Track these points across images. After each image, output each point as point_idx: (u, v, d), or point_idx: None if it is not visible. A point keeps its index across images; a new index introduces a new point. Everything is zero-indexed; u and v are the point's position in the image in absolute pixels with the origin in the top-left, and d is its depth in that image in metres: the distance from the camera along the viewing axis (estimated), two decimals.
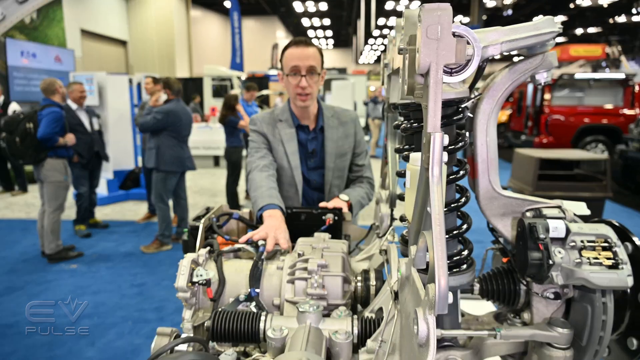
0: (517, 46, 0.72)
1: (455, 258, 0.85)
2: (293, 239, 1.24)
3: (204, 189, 7.25)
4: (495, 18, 27.38)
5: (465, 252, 0.86)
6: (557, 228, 0.83)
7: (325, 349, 0.78)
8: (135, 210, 5.98)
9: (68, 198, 4.32)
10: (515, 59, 0.85)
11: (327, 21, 31.04)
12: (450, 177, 0.83)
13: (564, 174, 3.78)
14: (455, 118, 0.81)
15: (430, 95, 0.61)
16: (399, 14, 27.71)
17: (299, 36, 1.78)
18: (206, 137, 8.75)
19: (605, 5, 23.63)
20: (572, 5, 24.15)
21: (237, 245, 1.14)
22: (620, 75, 8.17)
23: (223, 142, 5.54)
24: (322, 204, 1.47)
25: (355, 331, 0.84)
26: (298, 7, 26.19)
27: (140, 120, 4.33)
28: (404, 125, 0.86)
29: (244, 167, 5.57)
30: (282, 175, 1.74)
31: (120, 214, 5.83)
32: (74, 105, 4.38)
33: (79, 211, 4.82)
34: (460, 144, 0.83)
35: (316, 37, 37.05)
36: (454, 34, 0.61)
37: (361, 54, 35.59)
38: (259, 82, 14.35)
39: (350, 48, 37.42)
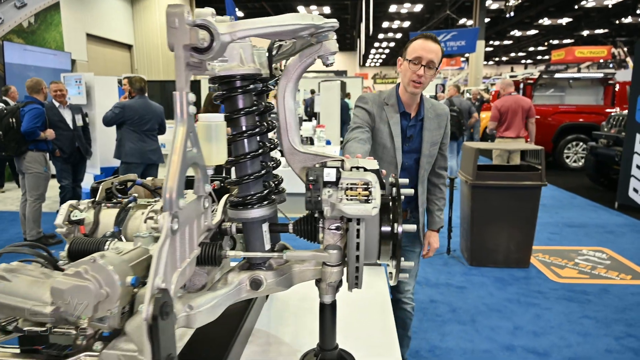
0: (259, 33, 0.96)
1: (257, 195, 1.10)
2: None
3: None
4: (498, 20, 27.52)
5: (265, 192, 1.11)
6: (329, 174, 1.08)
7: (148, 261, 1.05)
8: None
9: (54, 192, 4.64)
10: None
11: None
12: (249, 132, 1.08)
13: (505, 164, 4.01)
14: (247, 88, 1.07)
15: (176, 65, 0.87)
16: (403, 17, 27.96)
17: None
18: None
19: (611, 6, 23.63)
20: (576, 7, 24.16)
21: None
22: (599, 75, 8.34)
23: None
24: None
25: None
26: (302, 11, 26.63)
27: (104, 114, 4.70)
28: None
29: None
30: (384, 153, 1.99)
31: None
32: (56, 103, 4.71)
33: (62, 203, 5.13)
34: (253, 107, 1.09)
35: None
36: (199, 25, 0.87)
37: (364, 57, 35.83)
38: None
39: (356, 52, 37.68)
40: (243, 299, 1.16)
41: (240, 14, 26.08)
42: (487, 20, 23.45)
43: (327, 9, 26.39)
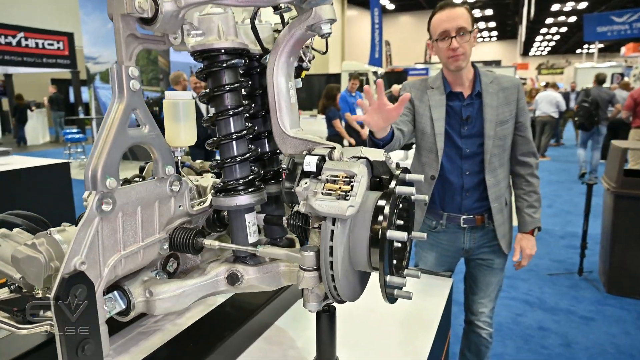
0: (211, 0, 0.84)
1: (239, 181, 1.01)
2: None
3: None
4: None
5: (251, 177, 1.02)
6: (309, 163, 0.94)
7: None
8: None
9: None
10: None
11: (489, 11, 29.02)
12: (237, 110, 0.99)
13: None
14: (229, 63, 0.98)
15: (115, 37, 0.82)
16: None
17: None
18: (312, 127, 9.31)
19: None
20: None
21: None
22: None
23: (325, 132, 5.91)
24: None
25: None
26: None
27: None
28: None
29: None
30: (423, 140, 1.78)
31: None
32: (194, 94, 5.29)
33: None
34: (236, 84, 0.99)
35: (477, 29, 34.87)
36: None
37: (526, 45, 32.26)
38: (397, 76, 14.45)
39: (516, 40, 34.20)
40: (224, 293, 1.09)
41: (391, 6, 25.95)
42: None
43: None
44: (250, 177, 1.01)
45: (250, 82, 1.04)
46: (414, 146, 2.16)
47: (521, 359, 2.43)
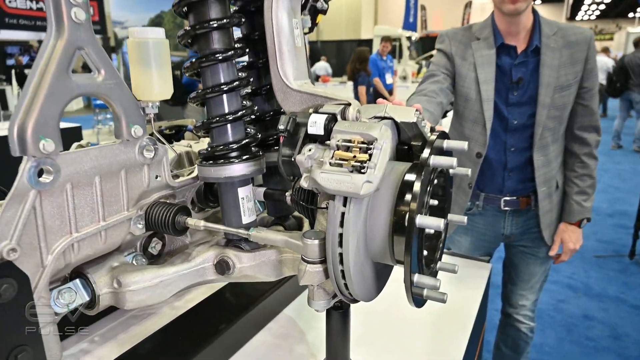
0: None
1: (234, 145, 0.81)
2: None
3: None
4: None
5: (246, 141, 0.81)
6: (315, 123, 0.73)
7: None
8: None
9: None
10: None
11: None
12: (225, 55, 0.78)
13: None
14: None
15: None
16: None
17: None
18: (341, 95, 9.01)
19: None
20: None
21: None
22: None
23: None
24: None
25: None
26: None
27: None
28: None
29: None
30: (467, 108, 1.47)
31: None
32: None
33: None
34: (225, 20, 0.77)
35: None
36: None
37: (574, 8, 30.13)
38: (432, 42, 13.77)
39: (562, 2, 31.95)
40: (213, 283, 0.90)
41: None
42: None
43: None
44: (245, 141, 0.80)
45: (243, 20, 0.82)
46: (449, 114, 1.86)
47: (563, 350, 2.20)
